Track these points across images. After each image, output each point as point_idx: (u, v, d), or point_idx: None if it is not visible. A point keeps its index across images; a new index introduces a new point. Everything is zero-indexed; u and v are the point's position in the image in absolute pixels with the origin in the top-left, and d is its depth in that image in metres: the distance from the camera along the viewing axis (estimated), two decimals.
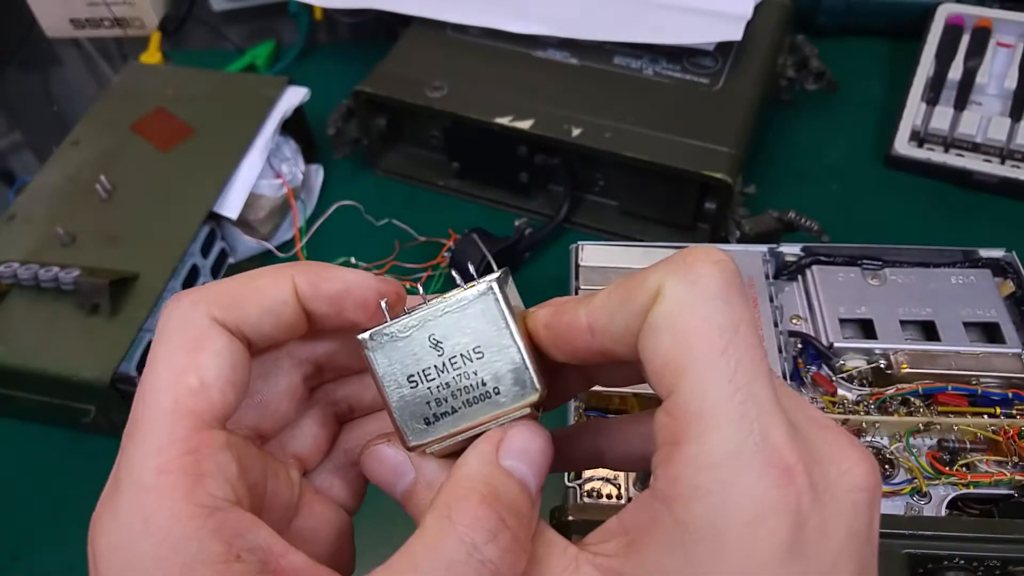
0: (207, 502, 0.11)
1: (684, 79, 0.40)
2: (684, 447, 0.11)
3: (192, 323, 0.13)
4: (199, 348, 0.12)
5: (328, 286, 0.14)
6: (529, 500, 0.13)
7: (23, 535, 0.33)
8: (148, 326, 0.34)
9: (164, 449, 0.11)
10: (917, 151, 0.43)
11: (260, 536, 0.12)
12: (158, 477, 0.11)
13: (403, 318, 0.13)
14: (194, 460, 0.12)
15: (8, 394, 0.35)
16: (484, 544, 0.11)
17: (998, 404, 0.29)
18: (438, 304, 0.13)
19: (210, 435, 0.12)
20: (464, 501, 0.12)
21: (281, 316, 0.13)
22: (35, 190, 0.39)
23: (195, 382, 0.12)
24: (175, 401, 0.12)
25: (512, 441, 0.13)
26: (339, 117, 0.43)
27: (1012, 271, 0.33)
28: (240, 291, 0.13)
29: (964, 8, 0.46)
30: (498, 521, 0.12)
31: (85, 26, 0.57)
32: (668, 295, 0.12)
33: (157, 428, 0.12)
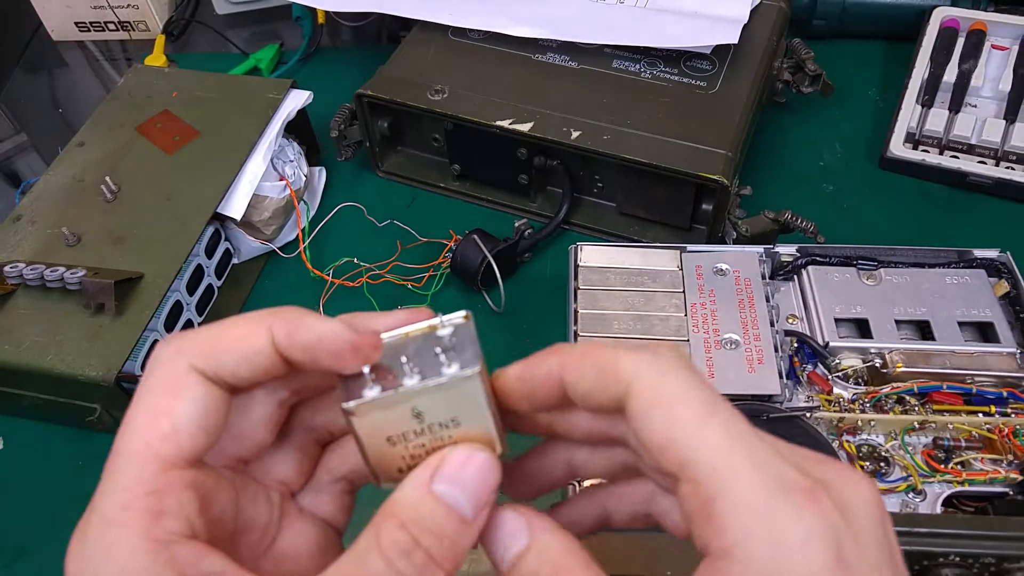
0: (163, 537, 0.13)
1: (681, 82, 0.41)
2: (718, 503, 0.13)
3: (172, 371, 0.14)
4: (175, 394, 0.14)
5: (302, 336, 0.14)
6: (460, 522, 0.14)
7: (28, 532, 0.33)
8: (153, 326, 0.35)
9: (129, 488, 0.13)
10: (912, 153, 0.43)
11: (214, 563, 0.13)
12: (121, 513, 0.13)
13: (387, 394, 0.14)
14: (156, 499, 0.13)
15: (14, 393, 0.35)
16: (398, 560, 0.13)
17: (993, 403, 0.29)
18: (422, 383, 0.14)
19: (175, 475, 0.13)
20: (387, 521, 0.13)
21: (257, 363, 0.14)
22: (41, 191, 0.39)
23: (167, 427, 0.13)
24: (146, 444, 0.13)
25: (445, 468, 0.14)
26: (342, 120, 0.43)
27: (1007, 271, 0.33)
28: (219, 340, 0.14)
29: (959, 11, 0.47)
30: (412, 542, 0.13)
31: (90, 29, 0.57)
32: (646, 381, 0.14)
33: (127, 468, 0.13)
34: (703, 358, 0.30)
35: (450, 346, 0.14)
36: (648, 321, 0.32)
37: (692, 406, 0.13)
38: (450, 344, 0.15)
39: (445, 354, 0.14)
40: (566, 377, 0.15)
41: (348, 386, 0.14)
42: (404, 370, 0.14)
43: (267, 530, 0.15)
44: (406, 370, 0.14)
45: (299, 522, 0.16)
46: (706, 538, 0.13)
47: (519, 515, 0.15)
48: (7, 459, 0.36)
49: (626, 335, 0.31)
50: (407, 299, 0.40)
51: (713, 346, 0.31)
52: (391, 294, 0.40)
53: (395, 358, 0.15)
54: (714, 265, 0.34)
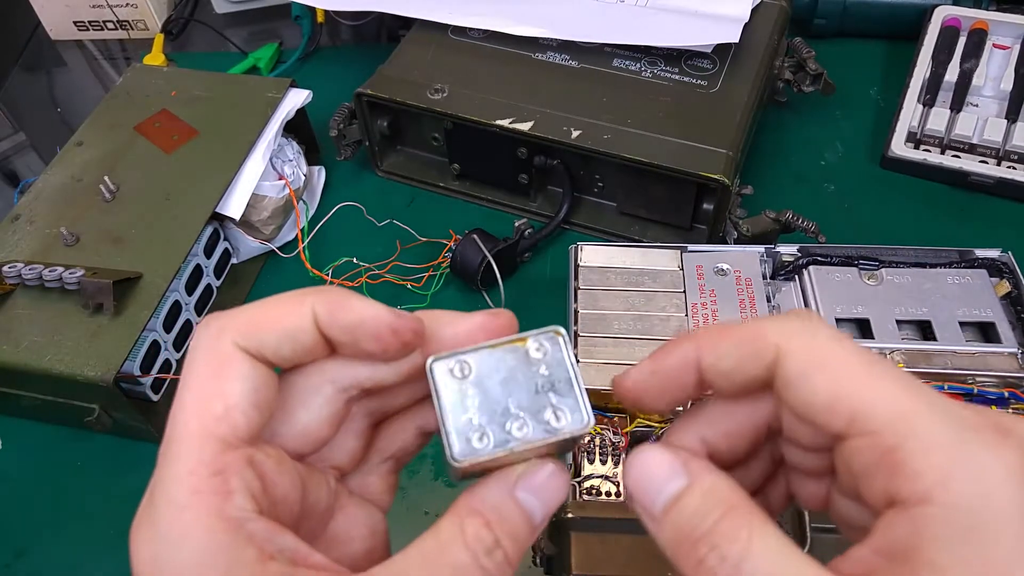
0: (236, 515, 0.13)
1: (682, 81, 0.40)
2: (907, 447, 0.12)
3: (217, 351, 0.14)
4: (223, 375, 0.14)
5: (344, 316, 0.14)
6: (530, 528, 0.14)
7: (28, 533, 0.33)
8: (151, 326, 0.35)
9: (194, 471, 0.13)
10: (913, 152, 0.43)
11: (286, 540, 0.13)
12: (191, 497, 0.13)
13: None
14: (222, 480, 0.13)
15: (13, 393, 0.35)
16: (483, 556, 0.13)
17: (994, 403, 0.29)
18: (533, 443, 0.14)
19: (234, 455, 0.13)
20: (473, 517, 0.14)
21: (300, 341, 0.14)
22: (39, 191, 0.39)
23: (219, 408, 0.13)
24: (202, 426, 0.13)
25: (531, 477, 0.14)
26: (341, 119, 0.43)
27: (1008, 271, 0.33)
28: (261, 318, 0.14)
29: (960, 10, 0.46)
30: (494, 541, 0.14)
31: (89, 28, 0.57)
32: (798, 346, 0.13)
33: (186, 452, 0.13)
34: None
35: (548, 380, 0.15)
36: (648, 321, 0.32)
37: (853, 361, 0.13)
38: (548, 378, 0.15)
39: (548, 395, 0.14)
40: (705, 359, 0.14)
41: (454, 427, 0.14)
42: (509, 409, 0.14)
43: (324, 515, 0.15)
44: (511, 408, 0.14)
45: (351, 506, 0.16)
46: (893, 488, 0.12)
47: (671, 453, 0.14)
48: (6, 459, 0.36)
49: (626, 335, 0.31)
50: (407, 299, 0.40)
51: None
52: (391, 294, 0.40)
53: (491, 384, 0.15)
54: (715, 265, 0.34)
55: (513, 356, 0.15)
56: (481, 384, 0.15)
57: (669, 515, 0.13)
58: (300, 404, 0.15)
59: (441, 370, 0.15)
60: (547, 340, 0.15)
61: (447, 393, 0.14)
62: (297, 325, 0.14)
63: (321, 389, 0.15)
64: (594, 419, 0.14)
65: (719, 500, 0.13)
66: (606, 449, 0.28)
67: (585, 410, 0.14)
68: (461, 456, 0.14)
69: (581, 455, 0.27)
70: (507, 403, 0.14)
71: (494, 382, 0.15)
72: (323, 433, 0.15)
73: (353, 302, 0.14)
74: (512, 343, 0.15)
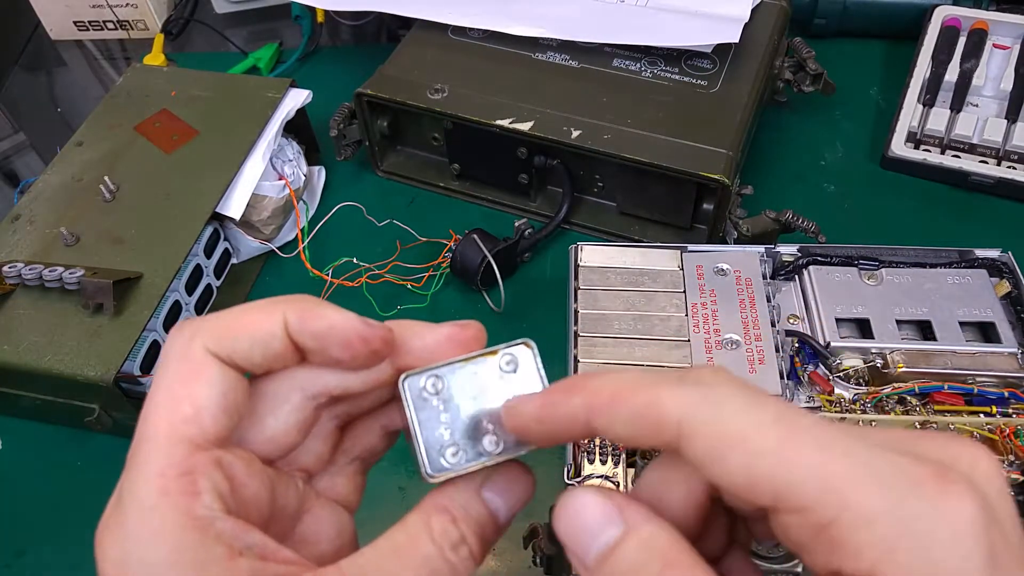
0: (204, 514, 0.13)
1: (682, 81, 0.40)
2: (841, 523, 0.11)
3: (188, 355, 0.14)
4: (194, 378, 0.14)
5: (314, 323, 0.14)
6: (495, 526, 0.15)
7: (28, 532, 0.33)
8: (152, 326, 0.35)
9: (163, 472, 0.13)
10: (913, 152, 0.43)
11: (254, 537, 0.14)
12: (160, 498, 0.13)
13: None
14: (190, 480, 0.13)
15: (13, 393, 0.35)
16: (448, 550, 0.14)
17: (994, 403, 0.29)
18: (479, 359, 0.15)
19: (203, 456, 0.13)
20: (440, 513, 0.14)
21: (270, 347, 0.15)
22: (39, 191, 0.39)
23: (188, 410, 0.14)
24: (171, 428, 0.13)
25: (497, 479, 0.15)
26: (341, 119, 0.43)
27: (1008, 271, 0.33)
28: (233, 324, 0.14)
29: (960, 10, 0.46)
30: (460, 537, 0.14)
31: (89, 28, 0.57)
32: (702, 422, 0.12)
33: (155, 453, 0.13)
34: (703, 359, 0.30)
35: (519, 392, 0.15)
36: (648, 321, 0.32)
37: (767, 432, 0.12)
38: (519, 390, 0.15)
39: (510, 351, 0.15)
40: (595, 421, 0.13)
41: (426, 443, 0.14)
42: (481, 423, 0.15)
43: (293, 517, 0.16)
44: (483, 422, 0.15)
45: (317, 506, 0.16)
46: (835, 565, 0.11)
47: (603, 497, 0.13)
48: (6, 460, 0.36)
49: (626, 335, 0.31)
50: (406, 299, 0.40)
51: (714, 346, 0.31)
52: (390, 294, 0.40)
53: (463, 399, 0.15)
54: (715, 265, 0.34)
55: (484, 369, 0.15)
56: (453, 400, 0.15)
57: (603, 567, 0.13)
58: (269, 411, 0.15)
59: (413, 387, 0.15)
60: (517, 353, 0.15)
61: (420, 410, 0.15)
62: (268, 331, 0.14)
63: (290, 396, 0.15)
64: None
65: (657, 553, 0.12)
66: (606, 449, 0.28)
67: None
68: (435, 472, 0.14)
69: (581, 455, 0.27)
70: (480, 417, 0.15)
71: (466, 396, 0.15)
72: (291, 439, 0.16)
73: (323, 310, 0.14)
74: (483, 356, 0.15)
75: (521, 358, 0.15)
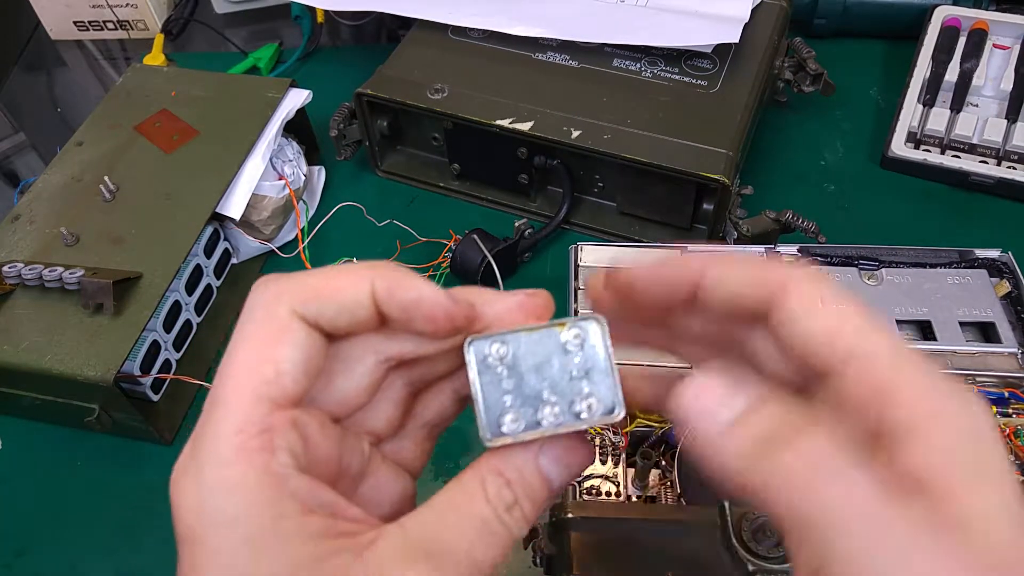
0: (279, 471, 0.13)
1: (682, 81, 0.40)
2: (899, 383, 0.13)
3: (274, 315, 0.14)
4: (278, 340, 0.14)
5: (402, 295, 0.15)
6: (549, 492, 0.15)
7: (27, 533, 0.33)
8: (151, 326, 0.35)
9: (242, 429, 0.13)
10: (914, 152, 0.43)
11: (326, 495, 0.14)
12: (238, 454, 0.13)
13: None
14: (267, 438, 0.13)
15: (13, 393, 0.35)
16: (503, 511, 0.14)
17: (994, 403, 0.29)
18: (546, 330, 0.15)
19: (281, 416, 0.14)
20: (495, 475, 0.14)
21: (356, 314, 0.15)
22: (39, 191, 0.39)
23: (271, 372, 0.14)
24: (252, 388, 0.14)
25: (554, 447, 0.15)
26: (341, 119, 0.43)
27: (1008, 271, 0.33)
28: (322, 288, 0.14)
29: (960, 10, 0.46)
30: (513, 500, 0.14)
31: (89, 28, 0.57)
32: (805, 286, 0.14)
33: (235, 411, 0.14)
34: None
35: (583, 367, 0.15)
36: None
37: (855, 310, 0.13)
38: (583, 365, 0.15)
39: (581, 382, 0.15)
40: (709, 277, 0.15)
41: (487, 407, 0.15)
42: (542, 394, 0.15)
43: (357, 478, 0.16)
44: (544, 393, 0.15)
45: (383, 470, 0.16)
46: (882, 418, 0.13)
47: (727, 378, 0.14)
48: (6, 459, 0.36)
49: None
50: None
51: None
52: None
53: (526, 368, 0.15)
54: None
55: (550, 341, 0.15)
56: (516, 367, 0.15)
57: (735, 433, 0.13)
58: (341, 372, 0.15)
59: (478, 351, 0.15)
60: (586, 327, 0.15)
61: (483, 374, 0.15)
62: (355, 299, 0.14)
63: (364, 359, 0.15)
64: (625, 411, 0.14)
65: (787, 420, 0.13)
66: (606, 449, 0.28)
67: (618, 400, 0.14)
68: (493, 437, 0.14)
69: None
70: (540, 388, 0.15)
71: (529, 366, 0.15)
72: (361, 399, 0.16)
73: (412, 281, 0.15)
74: (551, 327, 0.15)
75: (590, 333, 0.15)
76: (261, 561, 0.13)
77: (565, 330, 0.15)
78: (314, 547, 0.13)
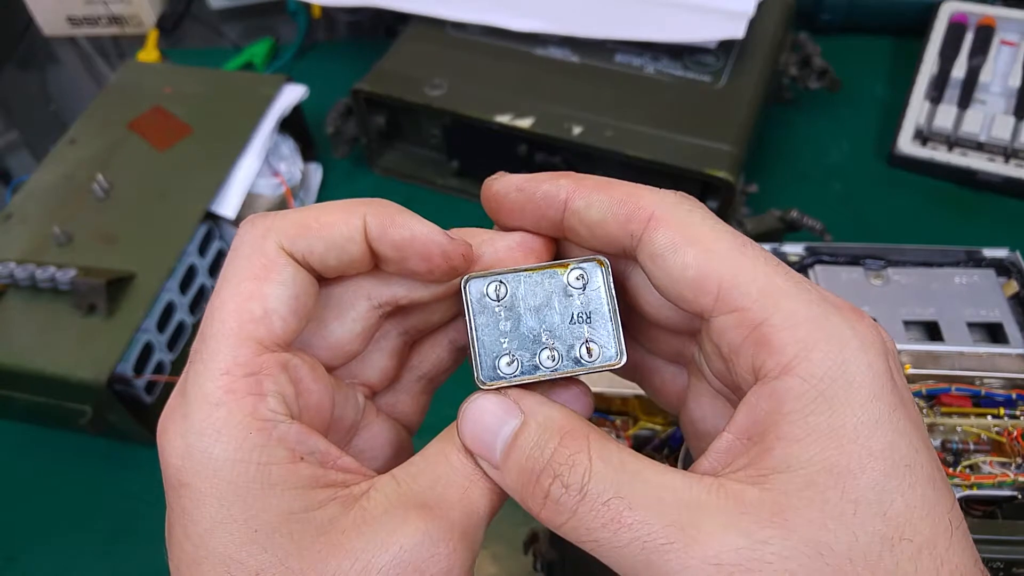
0: (268, 416, 0.13)
1: (686, 77, 0.40)
2: (772, 321, 0.12)
3: (261, 251, 0.14)
4: (265, 277, 0.13)
5: (396, 232, 0.14)
6: None
7: (19, 537, 0.33)
8: (145, 327, 0.34)
9: (229, 370, 0.13)
10: (921, 150, 0.43)
11: (318, 443, 0.13)
12: (225, 395, 0.13)
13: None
14: (255, 380, 0.13)
15: (5, 395, 0.34)
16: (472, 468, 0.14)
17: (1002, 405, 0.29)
18: (547, 271, 0.14)
19: (270, 358, 0.13)
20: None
21: (346, 251, 0.14)
22: (32, 189, 0.38)
23: (259, 310, 0.13)
24: (239, 326, 0.13)
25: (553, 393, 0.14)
26: (337, 116, 0.42)
27: (1016, 271, 0.32)
28: (310, 224, 0.14)
29: (967, 6, 0.46)
30: None
31: (82, 24, 0.57)
32: (673, 218, 0.13)
33: (222, 350, 0.13)
34: None
35: (584, 311, 0.14)
36: None
37: (725, 239, 0.13)
38: (584, 309, 0.14)
39: (582, 326, 0.14)
40: (574, 201, 0.14)
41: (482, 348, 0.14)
42: (540, 337, 0.14)
43: (350, 429, 0.15)
44: (543, 336, 0.14)
45: (377, 423, 0.16)
46: (758, 362, 0.12)
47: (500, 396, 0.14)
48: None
49: None
50: None
51: None
52: None
53: (525, 309, 0.14)
54: None
55: (551, 282, 0.14)
56: (515, 308, 0.14)
57: (510, 458, 0.13)
58: (334, 316, 0.15)
59: (476, 290, 0.14)
60: (589, 269, 0.14)
61: (479, 314, 0.14)
62: (346, 235, 0.14)
63: (356, 303, 0.15)
64: (627, 356, 0.14)
65: (554, 429, 0.13)
66: None
67: (619, 346, 0.14)
68: (487, 380, 0.14)
69: None
70: (539, 330, 0.14)
71: (528, 307, 0.14)
72: (354, 347, 0.15)
73: (406, 218, 0.14)
74: (551, 268, 0.14)
75: (592, 276, 0.14)
76: (248, 508, 0.12)
77: (567, 271, 0.14)
78: (302, 496, 0.13)
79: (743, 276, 0.13)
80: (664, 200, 0.13)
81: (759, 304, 0.12)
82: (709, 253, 0.13)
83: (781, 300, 0.12)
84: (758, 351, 0.12)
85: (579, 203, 0.14)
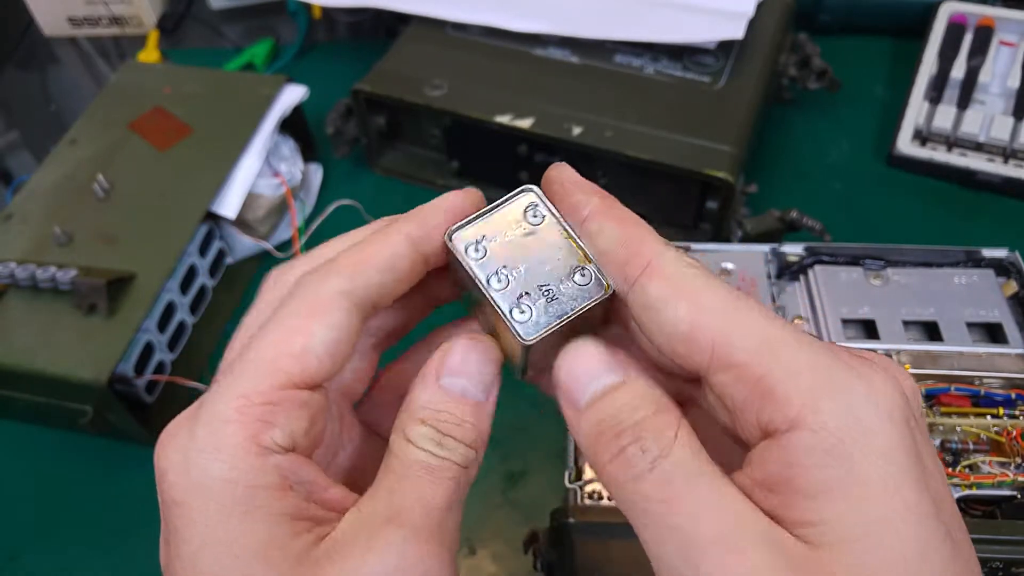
0: (268, 445, 0.13)
1: (685, 78, 0.40)
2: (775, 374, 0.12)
3: (319, 293, 0.14)
4: (315, 316, 0.14)
5: (430, 219, 0.15)
6: (471, 404, 0.14)
7: (20, 536, 0.33)
8: (145, 327, 0.34)
9: (247, 395, 0.13)
10: (920, 150, 0.43)
11: (309, 473, 0.14)
12: (236, 415, 0.13)
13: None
14: (269, 410, 0.13)
15: (5, 395, 0.34)
16: (436, 449, 0.14)
17: (1001, 405, 0.29)
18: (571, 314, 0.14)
19: (292, 394, 0.13)
20: (410, 422, 0.14)
21: (399, 268, 0.15)
22: (32, 189, 0.39)
23: (298, 347, 0.13)
24: (274, 358, 0.13)
25: (449, 361, 0.15)
26: (338, 116, 0.42)
27: (1015, 271, 0.32)
28: (360, 260, 0.14)
29: (967, 6, 0.46)
30: (437, 432, 0.14)
31: (83, 24, 0.57)
32: (668, 271, 0.13)
33: (249, 376, 0.13)
34: None
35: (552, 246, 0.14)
36: None
37: (719, 294, 0.13)
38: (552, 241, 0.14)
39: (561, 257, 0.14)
40: (589, 223, 0.14)
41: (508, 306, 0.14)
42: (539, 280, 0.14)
43: (334, 445, 0.16)
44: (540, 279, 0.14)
45: (358, 437, 0.16)
46: (764, 417, 0.12)
47: (609, 350, 0.14)
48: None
49: None
50: None
51: None
52: None
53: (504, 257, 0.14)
54: (719, 264, 0.33)
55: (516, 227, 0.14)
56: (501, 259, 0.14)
57: (595, 406, 0.13)
58: None
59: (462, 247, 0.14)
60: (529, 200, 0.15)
61: (480, 272, 0.14)
62: (396, 252, 0.15)
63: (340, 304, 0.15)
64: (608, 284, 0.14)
65: (651, 400, 0.13)
66: None
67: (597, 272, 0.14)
68: (535, 333, 0.14)
69: (583, 458, 0.27)
70: (532, 276, 0.14)
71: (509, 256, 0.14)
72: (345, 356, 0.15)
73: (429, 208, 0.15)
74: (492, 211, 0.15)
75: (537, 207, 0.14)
76: (231, 531, 0.12)
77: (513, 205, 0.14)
78: (282, 524, 0.13)
79: (739, 331, 0.12)
80: (665, 253, 0.13)
81: (757, 358, 0.12)
82: (702, 307, 0.13)
83: (780, 350, 0.12)
84: (763, 406, 0.12)
85: (594, 226, 0.14)
